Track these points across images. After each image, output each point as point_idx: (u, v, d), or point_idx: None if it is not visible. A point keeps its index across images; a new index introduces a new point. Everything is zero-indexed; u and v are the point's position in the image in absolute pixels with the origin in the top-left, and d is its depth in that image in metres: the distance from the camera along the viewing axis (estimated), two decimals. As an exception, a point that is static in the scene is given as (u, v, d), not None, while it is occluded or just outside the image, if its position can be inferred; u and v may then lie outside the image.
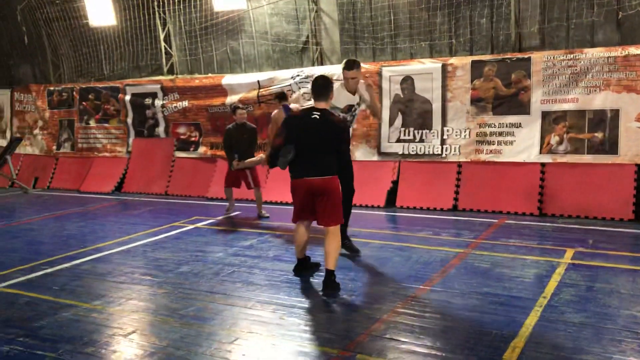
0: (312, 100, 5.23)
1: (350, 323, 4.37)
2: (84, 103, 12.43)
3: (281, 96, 8.12)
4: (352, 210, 8.53)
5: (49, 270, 6.09)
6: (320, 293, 5.06)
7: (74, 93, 12.59)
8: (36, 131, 13.23)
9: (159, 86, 11.34)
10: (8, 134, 13.71)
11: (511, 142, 8.32)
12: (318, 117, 5.04)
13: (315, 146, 5.06)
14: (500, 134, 8.39)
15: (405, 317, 4.45)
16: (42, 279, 5.83)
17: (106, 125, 12.17)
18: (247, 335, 4.20)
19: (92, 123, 12.34)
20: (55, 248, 7.09)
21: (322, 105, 5.14)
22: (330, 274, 5.09)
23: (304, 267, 5.64)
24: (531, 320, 4.27)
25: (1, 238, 7.79)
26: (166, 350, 3.99)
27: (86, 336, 4.30)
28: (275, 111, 7.85)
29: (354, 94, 5.89)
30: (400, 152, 9.00)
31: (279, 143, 5.18)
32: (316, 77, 5.26)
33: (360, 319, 4.43)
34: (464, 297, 4.84)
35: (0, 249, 7.19)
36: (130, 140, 11.85)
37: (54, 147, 12.83)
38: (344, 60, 5.87)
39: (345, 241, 6.11)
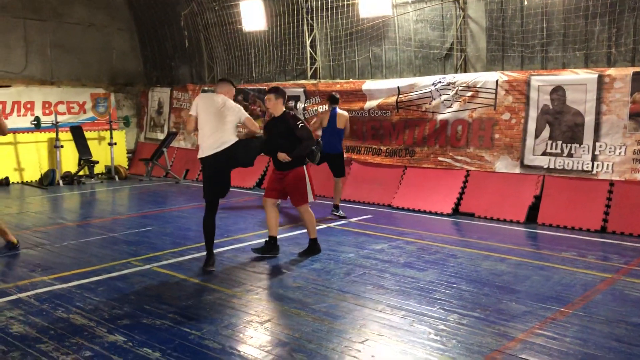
0: (276, 106, 6.39)
1: (484, 338, 4.23)
2: (233, 103, 13.26)
3: (333, 100, 9.09)
4: (490, 224, 8.37)
5: (195, 255, 6.59)
6: (453, 304, 4.96)
7: (225, 93, 13.46)
8: (189, 127, 14.36)
9: (302, 90, 11.78)
10: (165, 128, 15.04)
11: (675, 163, 7.54)
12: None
13: None
14: (663, 152, 7.62)
15: (544, 339, 4.22)
16: (189, 262, 6.32)
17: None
18: (377, 338, 4.23)
19: (239, 122, 13.11)
20: (201, 235, 7.53)
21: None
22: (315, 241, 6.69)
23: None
24: (692, 360, 3.85)
25: (156, 222, 8.56)
26: (298, 342, 4.14)
27: (226, 320, 4.60)
28: (325, 111, 9.30)
29: None
30: (546, 166, 8.52)
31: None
32: (280, 88, 6.49)
33: (494, 336, 4.27)
34: (610, 326, 4.47)
35: (155, 232, 7.92)
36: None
37: (204, 143, 13.83)
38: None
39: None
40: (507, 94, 8.87)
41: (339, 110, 9.04)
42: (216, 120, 6.03)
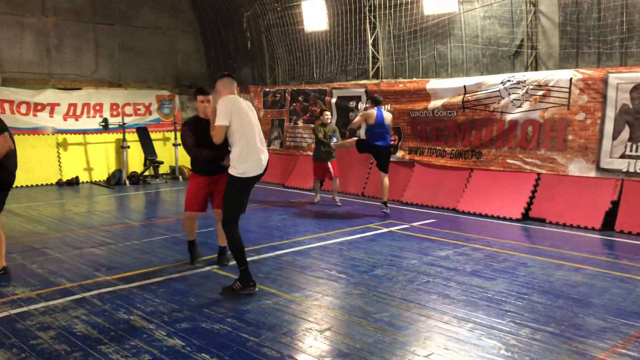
0: None
1: (560, 356, 3.90)
2: (294, 104, 13.24)
3: (376, 101, 9.44)
4: (563, 230, 7.90)
5: (255, 258, 6.52)
6: (524, 316, 4.64)
7: (286, 95, 13.46)
8: (251, 128, 14.44)
9: (363, 90, 11.58)
10: (227, 130, 15.17)
11: None
12: None
13: None
14: None
15: (629, 359, 3.85)
16: (249, 265, 6.22)
17: (312, 125, 12.77)
18: (443, 352, 3.98)
19: (300, 123, 13.08)
20: (261, 237, 7.58)
21: None
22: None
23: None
24: None
25: (216, 223, 8.56)
26: (360, 354, 3.95)
27: (285, 326, 4.47)
28: (371, 110, 9.28)
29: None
30: (625, 170, 7.95)
31: None
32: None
33: (571, 354, 3.94)
34: None
35: (215, 234, 7.89)
36: (333, 141, 12.25)
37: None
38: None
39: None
40: (582, 92, 8.35)
41: (383, 110, 9.50)
42: (259, 129, 5.49)
